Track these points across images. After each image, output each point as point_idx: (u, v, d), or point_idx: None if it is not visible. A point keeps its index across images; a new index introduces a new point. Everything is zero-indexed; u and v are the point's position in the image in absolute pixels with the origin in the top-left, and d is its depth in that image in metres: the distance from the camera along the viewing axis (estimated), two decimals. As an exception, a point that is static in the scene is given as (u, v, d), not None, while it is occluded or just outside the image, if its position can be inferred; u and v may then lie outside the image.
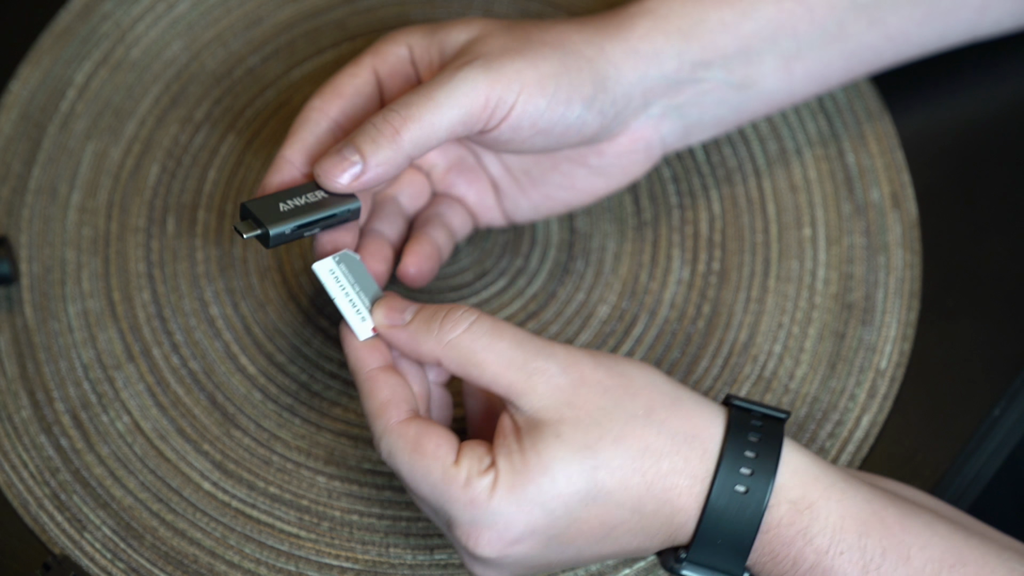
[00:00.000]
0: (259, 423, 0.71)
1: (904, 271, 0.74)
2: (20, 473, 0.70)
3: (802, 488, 0.60)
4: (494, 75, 0.65)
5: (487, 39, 0.67)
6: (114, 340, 0.73)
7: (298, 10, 0.81)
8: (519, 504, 0.59)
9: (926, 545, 0.60)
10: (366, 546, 0.69)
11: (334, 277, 0.64)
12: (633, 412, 0.60)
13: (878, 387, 0.71)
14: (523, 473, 0.59)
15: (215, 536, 0.69)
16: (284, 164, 0.66)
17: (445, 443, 0.60)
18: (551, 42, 0.67)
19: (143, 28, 0.80)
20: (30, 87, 0.79)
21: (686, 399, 0.61)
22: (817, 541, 0.60)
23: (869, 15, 0.71)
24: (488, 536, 0.60)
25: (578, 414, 0.60)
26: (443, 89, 0.64)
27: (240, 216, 0.64)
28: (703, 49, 0.69)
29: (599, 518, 0.60)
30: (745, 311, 0.73)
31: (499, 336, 0.61)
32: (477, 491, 0.59)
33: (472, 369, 0.61)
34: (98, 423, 0.71)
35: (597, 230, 0.75)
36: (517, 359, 0.60)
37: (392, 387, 0.62)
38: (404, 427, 0.61)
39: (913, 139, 0.77)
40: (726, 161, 0.76)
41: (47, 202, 0.76)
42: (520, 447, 0.60)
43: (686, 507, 0.60)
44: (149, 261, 0.75)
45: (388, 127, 0.63)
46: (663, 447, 0.60)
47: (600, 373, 0.61)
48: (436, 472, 0.60)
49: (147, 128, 0.78)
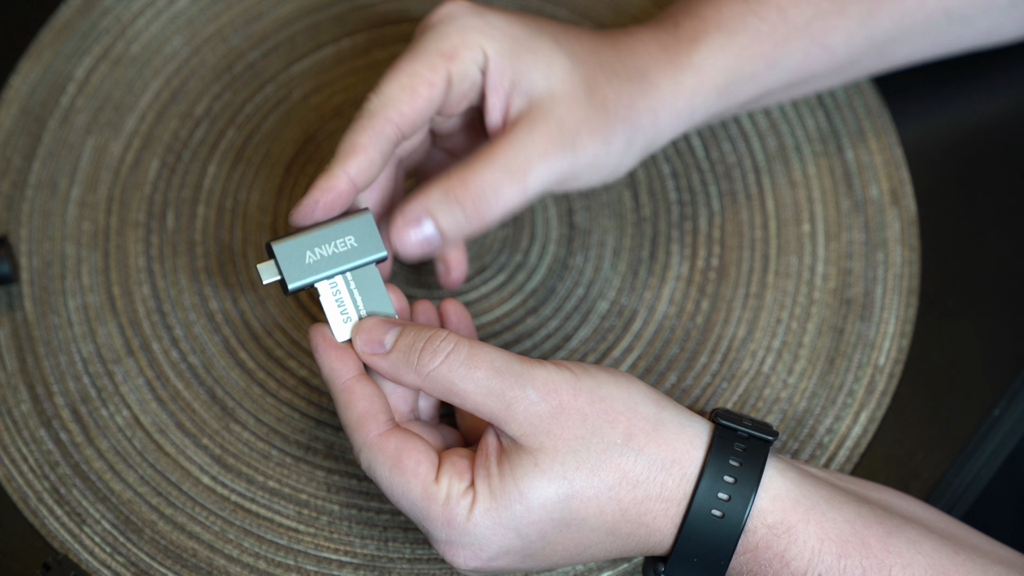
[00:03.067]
0: (258, 417, 0.71)
1: (903, 268, 0.74)
2: (20, 467, 0.70)
3: (781, 512, 0.60)
4: (576, 159, 0.66)
5: (570, 104, 0.66)
6: (114, 334, 0.73)
7: (298, 6, 0.81)
8: (494, 528, 0.60)
9: (908, 564, 0.60)
10: (365, 540, 0.69)
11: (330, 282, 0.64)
12: (612, 440, 0.60)
13: (876, 383, 0.71)
14: (500, 498, 0.60)
15: (214, 530, 0.69)
16: (342, 179, 0.64)
17: (425, 459, 0.61)
18: (623, 116, 0.67)
19: (143, 23, 0.80)
20: (30, 82, 0.79)
21: (668, 422, 0.61)
22: (794, 564, 0.60)
23: (881, 51, 0.72)
24: (465, 554, 0.61)
25: (556, 443, 0.60)
26: (534, 179, 0.65)
27: (267, 252, 0.63)
28: (729, 101, 0.71)
29: (574, 540, 0.61)
30: (744, 307, 0.73)
31: (475, 366, 0.60)
32: (455, 512, 0.60)
33: (453, 398, 0.61)
34: (98, 417, 0.71)
35: (596, 226, 0.75)
36: (495, 388, 0.60)
37: (369, 398, 0.62)
38: (384, 441, 0.61)
39: (912, 136, 0.77)
40: (725, 157, 0.77)
41: (47, 197, 0.76)
42: (499, 471, 0.60)
43: (662, 528, 0.61)
44: (149, 256, 0.75)
45: (477, 216, 0.64)
46: (640, 474, 0.60)
47: (581, 400, 0.61)
48: (416, 490, 0.60)
49: (147, 123, 0.78)
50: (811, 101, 0.78)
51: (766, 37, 0.70)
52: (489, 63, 0.66)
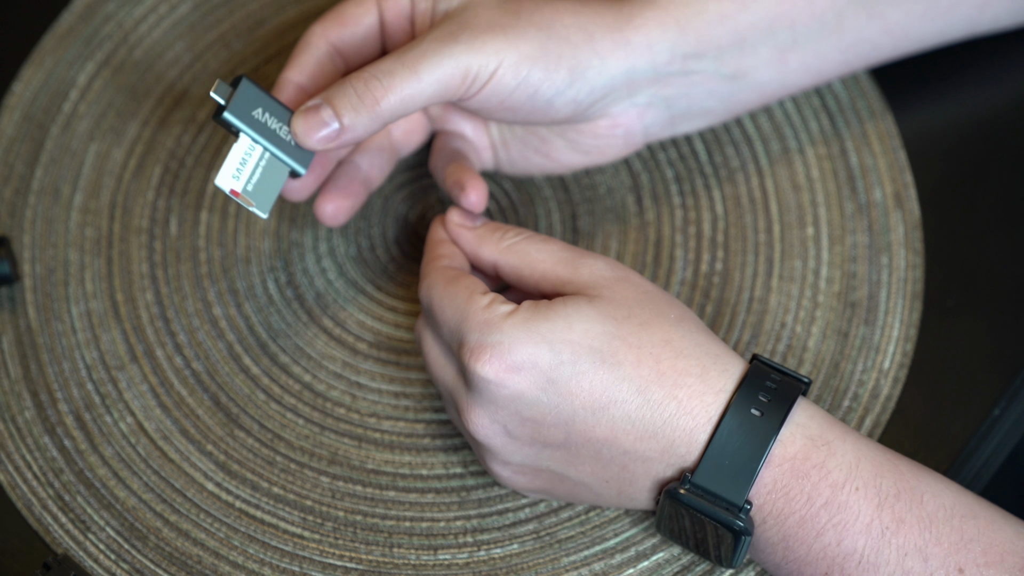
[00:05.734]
0: (263, 423, 0.71)
1: (907, 271, 0.74)
2: (24, 474, 0.70)
3: (819, 428, 0.61)
4: (475, 52, 0.66)
5: (479, 8, 0.67)
6: (117, 341, 0.73)
7: (300, 11, 0.81)
8: (529, 333, 0.61)
9: (939, 494, 0.60)
10: (370, 546, 0.69)
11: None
12: (665, 314, 0.62)
13: (881, 388, 0.71)
14: (543, 312, 0.61)
15: (219, 537, 0.69)
16: (287, 85, 0.69)
17: (480, 285, 0.64)
18: (539, 23, 0.67)
19: (145, 29, 0.80)
20: (32, 88, 0.79)
21: (713, 336, 0.63)
22: (834, 476, 0.60)
23: (869, 9, 0.70)
24: (490, 354, 0.61)
25: (614, 296, 0.62)
26: (426, 63, 0.65)
27: (231, 83, 0.66)
28: (698, 41, 0.69)
29: (603, 383, 0.61)
30: (748, 311, 0.73)
31: (550, 241, 0.66)
32: (494, 314, 0.62)
33: (524, 269, 0.65)
34: (102, 424, 0.71)
35: (600, 230, 0.75)
36: (567, 257, 0.65)
37: (453, 251, 0.68)
38: (448, 270, 0.66)
39: (915, 139, 0.77)
40: (729, 161, 0.76)
41: (50, 203, 0.76)
42: (549, 302, 0.62)
43: (695, 412, 0.60)
44: (152, 262, 0.75)
45: (369, 96, 0.65)
46: (685, 348, 0.61)
47: (644, 281, 0.64)
48: (462, 295, 0.63)
49: (150, 129, 0.78)
50: (814, 104, 0.77)
51: None
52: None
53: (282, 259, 0.75)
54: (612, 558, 0.68)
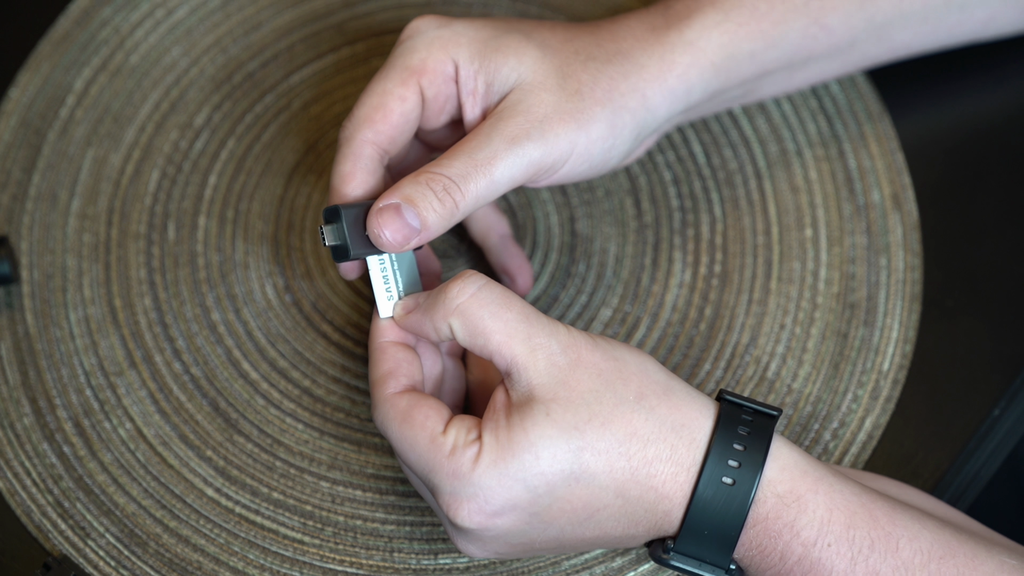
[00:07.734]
0: (262, 429, 0.71)
1: (905, 273, 0.74)
2: (23, 481, 0.70)
3: (790, 482, 0.61)
4: (548, 148, 0.65)
5: (541, 93, 0.66)
6: (116, 347, 0.73)
7: (297, 15, 0.81)
8: (500, 478, 0.60)
9: (915, 537, 0.60)
10: (370, 551, 0.68)
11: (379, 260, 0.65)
12: (624, 396, 0.61)
13: (881, 389, 0.71)
14: (507, 448, 0.60)
15: (219, 542, 0.69)
16: (347, 200, 0.66)
17: (434, 414, 0.61)
18: (601, 99, 0.67)
19: (142, 34, 0.80)
20: (29, 94, 0.79)
21: (677, 389, 0.62)
22: (804, 534, 0.60)
23: (880, 33, 0.72)
24: (468, 507, 0.60)
25: (570, 395, 0.60)
26: (500, 165, 0.64)
27: (324, 219, 0.64)
28: (728, 79, 0.70)
29: (582, 499, 0.61)
30: (747, 313, 0.73)
31: (507, 306, 0.62)
32: (461, 462, 0.60)
33: (478, 338, 0.61)
34: (100, 430, 0.71)
35: (598, 233, 0.75)
36: (522, 332, 0.61)
37: (396, 360, 0.64)
38: (398, 398, 0.62)
39: (913, 141, 0.77)
40: (727, 163, 0.76)
41: (47, 209, 0.76)
42: (508, 423, 0.60)
43: (671, 495, 0.61)
44: (150, 267, 0.75)
45: (449, 200, 0.64)
46: (650, 433, 0.60)
47: (596, 356, 0.62)
48: (422, 441, 0.61)
49: (147, 134, 0.78)
50: (812, 106, 0.78)
51: (763, 15, 0.69)
52: (460, 70, 0.67)
53: (280, 264, 0.75)
54: (613, 561, 0.68)
